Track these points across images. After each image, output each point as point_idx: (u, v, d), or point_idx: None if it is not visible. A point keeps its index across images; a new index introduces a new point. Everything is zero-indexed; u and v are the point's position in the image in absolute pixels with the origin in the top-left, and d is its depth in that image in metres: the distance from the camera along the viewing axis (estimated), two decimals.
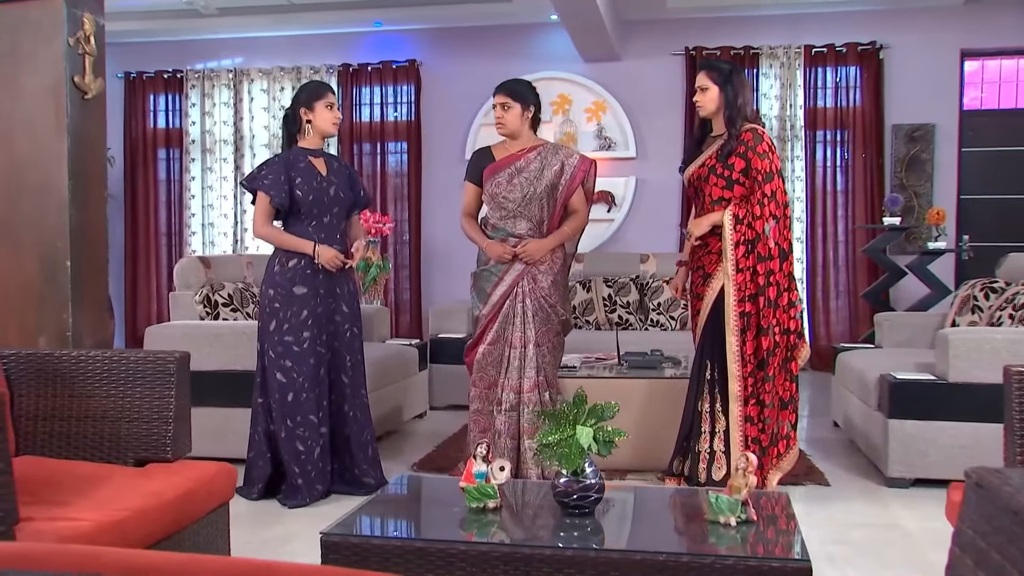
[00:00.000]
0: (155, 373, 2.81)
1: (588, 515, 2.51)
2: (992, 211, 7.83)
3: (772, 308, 3.95)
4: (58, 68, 4.57)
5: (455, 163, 8.33)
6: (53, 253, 4.57)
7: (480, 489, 2.57)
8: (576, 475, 2.51)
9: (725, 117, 4.07)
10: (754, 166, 4.01)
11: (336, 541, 2.36)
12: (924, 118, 7.76)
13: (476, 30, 8.27)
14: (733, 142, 4.03)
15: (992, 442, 4.20)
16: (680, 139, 7.98)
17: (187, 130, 8.55)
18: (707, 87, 4.11)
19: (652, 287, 6.68)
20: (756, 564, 2.15)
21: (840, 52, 7.77)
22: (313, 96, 4.21)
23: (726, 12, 7.89)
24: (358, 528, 2.47)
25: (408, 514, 2.70)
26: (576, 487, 2.50)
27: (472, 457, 2.65)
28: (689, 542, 2.31)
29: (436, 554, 2.30)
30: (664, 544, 2.38)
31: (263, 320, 4.16)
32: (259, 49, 8.55)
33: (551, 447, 2.47)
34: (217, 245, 8.53)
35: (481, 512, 2.56)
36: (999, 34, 7.65)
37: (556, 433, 2.46)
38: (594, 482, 2.51)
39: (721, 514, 2.43)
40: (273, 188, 4.09)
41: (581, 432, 2.42)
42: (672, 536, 2.48)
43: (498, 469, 2.61)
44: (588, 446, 2.44)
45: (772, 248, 3.96)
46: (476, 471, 2.62)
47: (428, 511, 2.73)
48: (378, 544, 2.34)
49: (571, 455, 2.43)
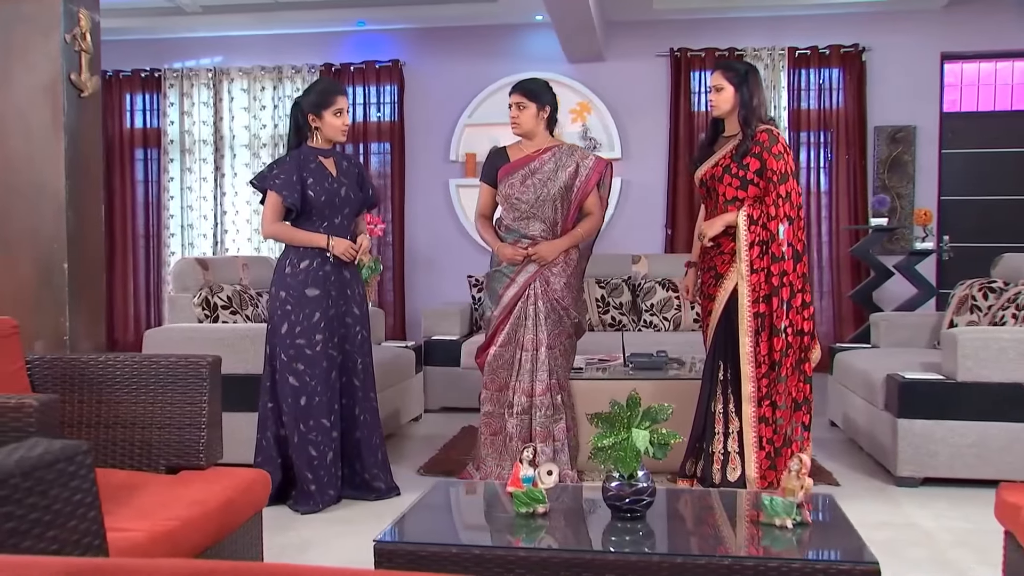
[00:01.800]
0: (187, 378, 2.74)
1: (640, 519, 2.48)
2: (971, 212, 7.92)
3: (785, 309, 3.96)
4: (54, 65, 4.46)
5: (439, 164, 8.28)
6: (49, 256, 4.46)
7: (529, 494, 2.53)
8: (629, 478, 2.48)
9: (740, 117, 4.07)
10: (769, 166, 4.01)
11: (390, 548, 2.31)
12: (906, 120, 7.84)
13: (460, 30, 8.22)
14: (748, 142, 4.03)
15: (999, 441, 4.26)
16: (666, 140, 8.00)
17: (165, 130, 8.40)
18: (722, 87, 4.11)
19: (645, 288, 6.68)
20: (824, 567, 2.13)
21: (823, 54, 7.82)
22: (321, 103, 4.10)
23: (711, 14, 7.91)
24: (410, 535, 2.41)
25: (457, 520, 2.65)
26: (629, 491, 2.47)
27: (518, 461, 2.61)
28: (752, 546, 2.29)
29: (494, 560, 2.26)
30: (726, 548, 2.35)
31: (273, 323, 4.07)
32: (239, 48, 8.42)
33: (605, 450, 2.43)
34: (197, 247, 8.39)
35: (530, 517, 2.51)
36: (977, 38, 7.75)
37: (611, 436, 2.43)
38: (646, 485, 2.48)
39: (776, 516, 2.41)
40: (285, 188, 4.00)
41: (637, 435, 2.39)
42: (732, 540, 2.46)
43: (545, 473, 2.57)
44: (644, 449, 2.41)
45: (786, 249, 3.97)
46: (523, 475, 2.58)
47: (476, 517, 2.68)
48: (434, 551, 2.29)
49: (626, 458, 2.40)
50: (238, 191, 8.37)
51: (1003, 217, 7.90)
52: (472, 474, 4.45)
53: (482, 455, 4.35)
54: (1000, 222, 7.89)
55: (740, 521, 2.57)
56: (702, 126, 7.98)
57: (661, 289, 6.62)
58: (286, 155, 4.18)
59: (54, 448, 1.41)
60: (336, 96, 4.14)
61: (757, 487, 3.91)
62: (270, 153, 8.29)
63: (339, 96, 4.15)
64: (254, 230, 8.32)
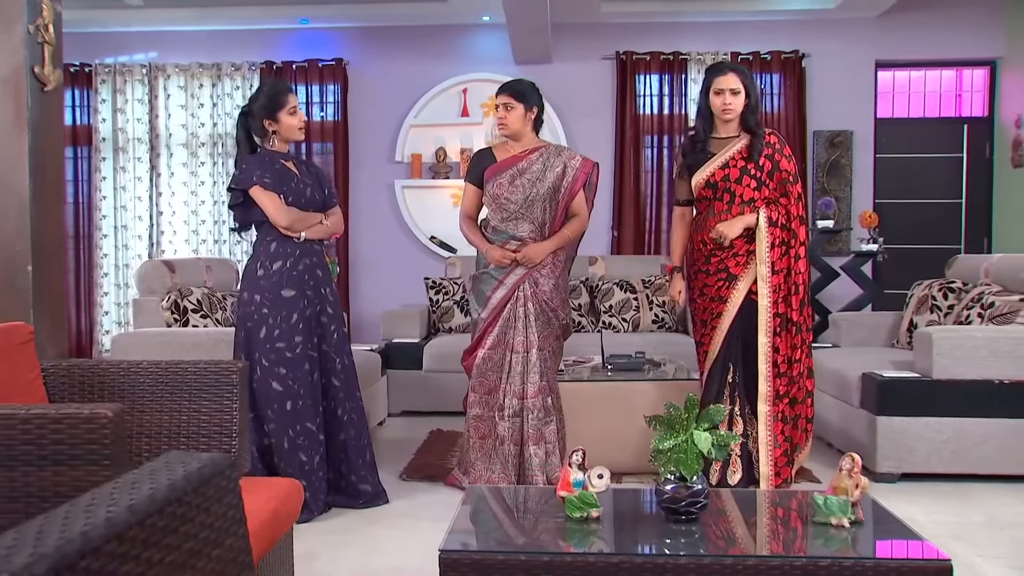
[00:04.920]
0: (217, 385, 2.62)
1: (695, 520, 2.47)
2: (904, 215, 8.18)
3: (801, 306, 4.04)
4: (17, 58, 4.24)
5: (383, 165, 8.17)
6: (12, 257, 4.24)
7: (583, 498, 2.50)
8: (684, 481, 2.47)
9: (749, 121, 4.09)
10: (783, 168, 4.07)
11: (456, 558, 2.25)
12: (843, 125, 8.05)
13: (406, 30, 8.12)
14: (761, 143, 4.07)
15: (973, 436, 4.41)
16: (612, 141, 8.05)
17: (97, 127, 8.07)
18: (739, 90, 4.07)
19: (603, 289, 6.70)
20: (897, 565, 2.16)
21: (765, 59, 7.97)
22: (274, 106, 3.99)
23: (657, 18, 7.99)
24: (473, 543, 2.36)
25: (511, 526, 2.59)
26: (685, 493, 2.45)
27: (566, 465, 2.57)
28: (823, 546, 2.30)
29: (564, 567, 2.22)
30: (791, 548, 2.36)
31: (249, 328, 3.91)
32: (176, 44, 8.16)
33: (665, 452, 2.42)
34: (131, 248, 8.08)
35: (584, 522, 2.48)
36: (908, 47, 8.01)
37: (671, 438, 2.41)
38: (702, 487, 2.47)
39: (832, 516, 2.43)
40: (284, 187, 3.90)
41: (699, 437, 2.38)
42: (799, 540, 2.46)
43: (596, 477, 2.54)
44: (707, 451, 2.40)
45: (801, 248, 4.05)
46: (573, 479, 2.54)
47: (528, 522, 2.63)
48: (502, 559, 2.24)
49: (688, 460, 2.39)
50: (175, 191, 8.11)
51: (933, 220, 8.19)
52: (459, 479, 4.39)
53: (471, 459, 4.29)
54: (930, 225, 8.18)
55: (794, 521, 2.58)
56: (647, 128, 8.06)
57: (619, 290, 6.65)
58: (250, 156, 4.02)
59: (214, 460, 1.32)
60: (287, 95, 4.06)
61: (771, 485, 3.95)
62: (208, 153, 8.06)
63: (290, 95, 4.07)
64: (192, 231, 8.07)
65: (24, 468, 1.83)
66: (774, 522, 2.62)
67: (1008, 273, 4.86)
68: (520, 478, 4.23)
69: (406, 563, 3.38)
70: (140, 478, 1.25)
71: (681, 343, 6.07)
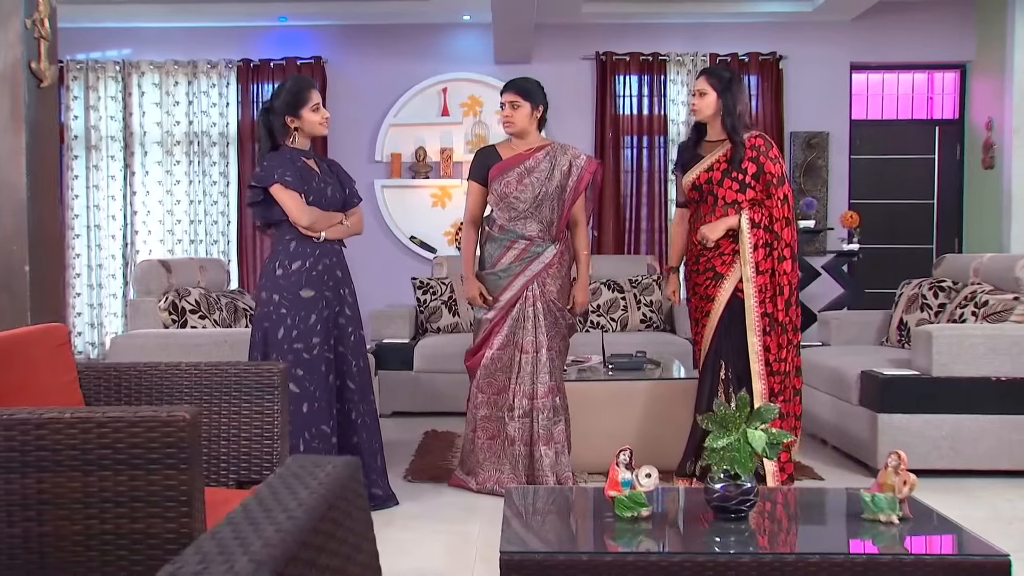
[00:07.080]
0: (258, 387, 2.58)
1: (743, 519, 2.48)
2: (878, 215, 8.31)
3: (787, 307, 4.07)
4: (14, 53, 4.15)
5: (363, 164, 8.10)
6: (9, 259, 4.14)
7: (632, 498, 2.50)
8: (734, 479, 2.48)
9: (726, 124, 4.14)
10: (767, 170, 4.11)
11: (518, 560, 2.23)
12: (819, 126, 8.16)
13: (386, 28, 8.07)
14: (741, 149, 4.11)
15: (971, 432, 4.49)
16: (592, 142, 8.06)
17: (69, 125, 7.90)
18: (706, 92, 4.18)
19: (591, 289, 6.69)
20: (956, 561, 2.19)
21: (743, 61, 8.04)
22: (297, 103, 3.96)
23: (636, 19, 8.03)
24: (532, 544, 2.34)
25: (565, 527, 2.58)
26: (736, 492, 2.46)
27: (614, 464, 2.57)
28: (880, 543, 2.32)
29: (625, 567, 2.22)
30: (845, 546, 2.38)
31: (267, 328, 3.87)
32: (150, 40, 8.02)
33: (719, 451, 2.42)
34: (105, 248, 7.93)
35: (635, 521, 2.48)
36: (882, 50, 8.14)
37: (725, 437, 2.42)
38: (751, 486, 2.48)
39: (881, 512, 2.45)
40: (305, 185, 3.85)
41: (753, 435, 2.39)
42: (848, 538, 2.48)
43: (644, 476, 2.54)
44: (761, 449, 2.41)
45: (785, 250, 4.08)
46: (622, 479, 2.54)
47: (582, 523, 2.62)
48: (563, 559, 2.23)
49: (742, 459, 2.40)
50: (149, 190, 7.97)
51: (906, 220, 8.33)
52: (464, 480, 4.36)
53: (479, 460, 4.27)
54: (903, 225, 8.32)
55: (841, 519, 2.60)
56: (627, 129, 8.10)
57: (607, 290, 6.67)
58: (272, 154, 3.98)
59: (347, 463, 1.29)
60: (310, 91, 4.03)
61: (777, 481, 3.99)
62: (184, 151, 7.93)
63: (313, 91, 4.04)
64: (167, 231, 7.93)
65: (100, 472, 1.79)
66: (820, 520, 2.64)
67: (998, 273, 4.96)
68: (530, 479, 4.22)
69: (430, 565, 3.36)
70: (283, 483, 1.22)
71: (670, 342, 6.11)
